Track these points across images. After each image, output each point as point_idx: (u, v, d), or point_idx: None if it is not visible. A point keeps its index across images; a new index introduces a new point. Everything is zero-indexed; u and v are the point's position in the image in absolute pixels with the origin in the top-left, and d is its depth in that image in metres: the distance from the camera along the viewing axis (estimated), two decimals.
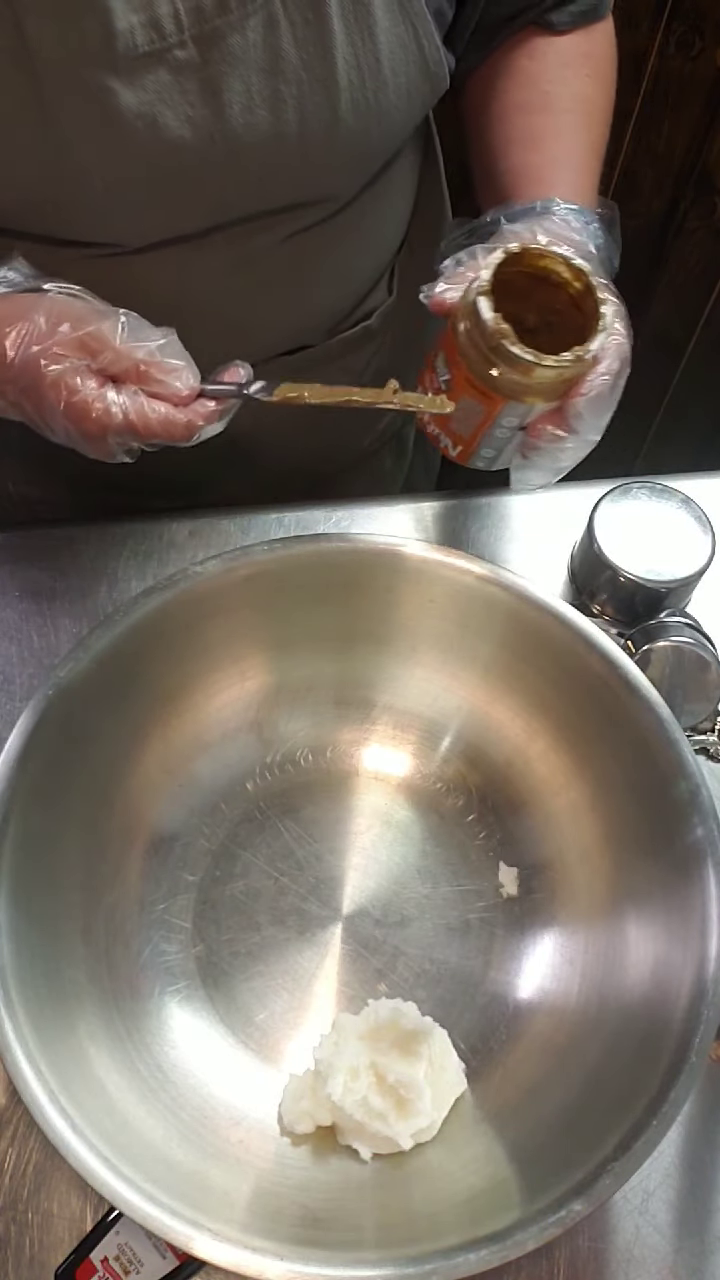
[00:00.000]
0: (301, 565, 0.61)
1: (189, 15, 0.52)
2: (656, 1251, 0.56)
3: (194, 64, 0.53)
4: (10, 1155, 0.57)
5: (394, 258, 0.78)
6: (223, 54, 0.53)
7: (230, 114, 0.55)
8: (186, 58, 0.53)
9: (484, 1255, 0.45)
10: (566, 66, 0.69)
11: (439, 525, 0.77)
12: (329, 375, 0.77)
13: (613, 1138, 0.48)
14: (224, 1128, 0.55)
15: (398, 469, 0.96)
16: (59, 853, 0.57)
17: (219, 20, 0.53)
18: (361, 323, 0.77)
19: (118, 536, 0.75)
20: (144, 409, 0.53)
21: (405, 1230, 0.50)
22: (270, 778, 0.66)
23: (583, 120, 0.69)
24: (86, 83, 0.52)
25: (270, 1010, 0.60)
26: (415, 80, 0.60)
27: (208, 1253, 0.46)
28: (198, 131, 0.55)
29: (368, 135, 0.60)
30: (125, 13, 0.51)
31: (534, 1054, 0.57)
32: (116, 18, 0.51)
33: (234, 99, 0.55)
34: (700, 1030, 0.49)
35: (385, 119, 0.60)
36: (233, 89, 0.54)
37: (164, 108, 0.54)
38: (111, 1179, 0.46)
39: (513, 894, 0.62)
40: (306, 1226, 0.51)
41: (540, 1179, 0.49)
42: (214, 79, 0.54)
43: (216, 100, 0.55)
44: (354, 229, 0.69)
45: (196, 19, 0.52)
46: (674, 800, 0.55)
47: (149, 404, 0.54)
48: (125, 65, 0.52)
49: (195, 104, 0.54)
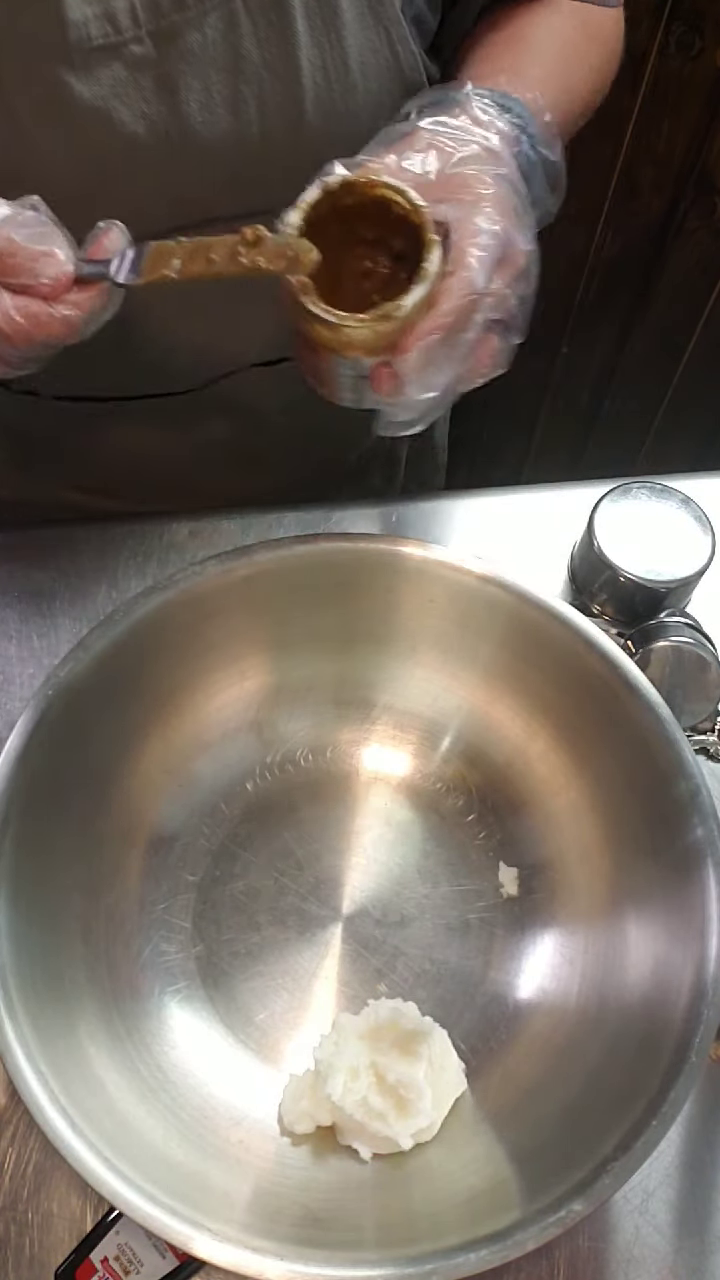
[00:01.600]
0: (301, 565, 0.61)
1: (145, 10, 0.51)
2: (657, 1251, 0.56)
3: (150, 60, 0.52)
4: (10, 1155, 0.57)
5: None
6: (180, 51, 0.53)
7: (188, 111, 0.54)
8: (142, 53, 0.52)
9: (484, 1255, 0.45)
10: (555, 14, 0.65)
11: (439, 525, 0.76)
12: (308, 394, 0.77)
13: (613, 1138, 0.48)
14: (224, 1128, 0.55)
15: (388, 489, 0.93)
16: (59, 853, 0.57)
17: (176, 16, 0.52)
18: None
19: (118, 536, 0.75)
20: (9, 313, 0.47)
21: (405, 1230, 0.50)
22: (270, 778, 0.66)
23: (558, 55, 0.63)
24: (41, 73, 0.52)
25: (270, 1010, 0.60)
26: (388, 85, 0.59)
27: (207, 1253, 0.46)
28: (153, 128, 0.54)
29: (336, 139, 0.57)
30: (79, 4, 0.50)
31: (534, 1054, 0.57)
32: (70, 8, 0.50)
33: (191, 97, 0.54)
34: (700, 1030, 0.49)
35: (354, 122, 0.58)
36: (190, 87, 0.54)
37: (118, 103, 0.53)
38: (111, 1179, 0.46)
39: (513, 894, 0.62)
40: (306, 1226, 0.51)
41: (540, 1179, 0.49)
42: (170, 76, 0.53)
43: (173, 97, 0.54)
44: None
45: (153, 14, 0.52)
46: (674, 800, 0.55)
47: (15, 304, 0.47)
48: (79, 58, 0.51)
49: (151, 100, 0.54)
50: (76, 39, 0.51)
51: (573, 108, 0.63)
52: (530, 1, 0.65)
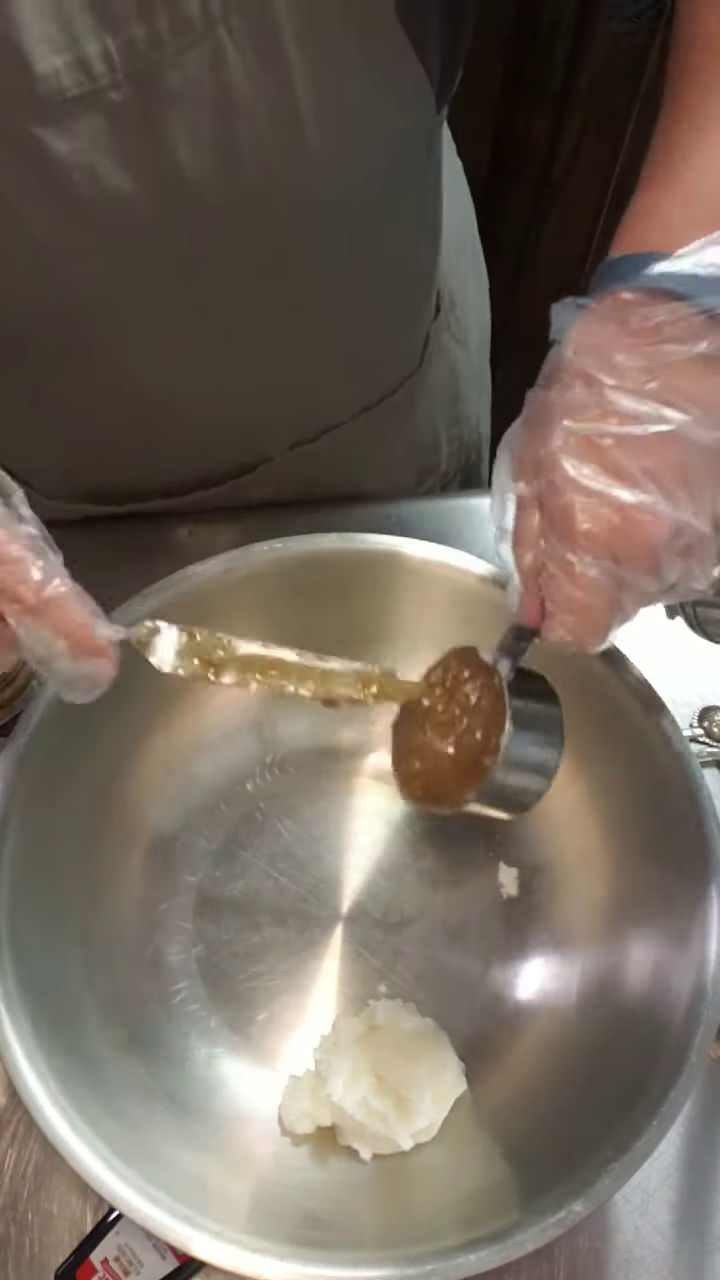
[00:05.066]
0: (301, 565, 0.61)
1: (121, 53, 0.45)
2: (657, 1252, 0.56)
3: (131, 106, 0.47)
4: (10, 1156, 0.57)
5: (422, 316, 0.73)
6: (163, 93, 0.47)
7: (178, 158, 0.49)
8: (122, 100, 0.47)
9: (484, 1256, 0.45)
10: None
11: (439, 525, 0.76)
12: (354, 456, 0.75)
13: (612, 1138, 0.48)
14: (224, 1128, 0.55)
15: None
16: (59, 853, 0.57)
17: (155, 55, 0.46)
18: (386, 397, 0.73)
19: (118, 536, 0.75)
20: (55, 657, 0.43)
21: (405, 1231, 0.50)
22: (270, 778, 0.66)
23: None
24: (14, 132, 0.47)
25: (270, 1011, 0.60)
26: (390, 99, 0.53)
27: (207, 1253, 0.46)
28: (141, 179, 0.50)
29: (341, 173, 0.53)
30: (46, 55, 0.44)
31: (534, 1054, 0.57)
32: (36, 61, 0.44)
33: (179, 141, 0.49)
34: (700, 1030, 0.49)
35: (358, 143, 0.53)
36: (177, 131, 0.49)
37: (101, 155, 0.48)
38: (111, 1180, 0.47)
39: (513, 894, 0.62)
40: (306, 1227, 0.50)
41: (540, 1179, 0.49)
42: (156, 121, 0.48)
43: (160, 143, 0.49)
44: (352, 293, 0.63)
45: (130, 56, 0.46)
46: (674, 800, 0.55)
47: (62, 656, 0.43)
48: (53, 112, 0.46)
49: (136, 149, 0.49)
50: (48, 93, 0.45)
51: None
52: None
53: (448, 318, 0.77)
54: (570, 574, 0.42)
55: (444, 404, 0.80)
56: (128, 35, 0.45)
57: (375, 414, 0.74)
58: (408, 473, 0.80)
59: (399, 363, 0.74)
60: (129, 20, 0.44)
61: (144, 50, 0.46)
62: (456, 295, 0.78)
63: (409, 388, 0.75)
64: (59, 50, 0.45)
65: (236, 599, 0.61)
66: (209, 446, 0.72)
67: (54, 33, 0.44)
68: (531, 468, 0.43)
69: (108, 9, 0.44)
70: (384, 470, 0.78)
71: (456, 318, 0.78)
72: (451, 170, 0.73)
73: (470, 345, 0.81)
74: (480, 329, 0.84)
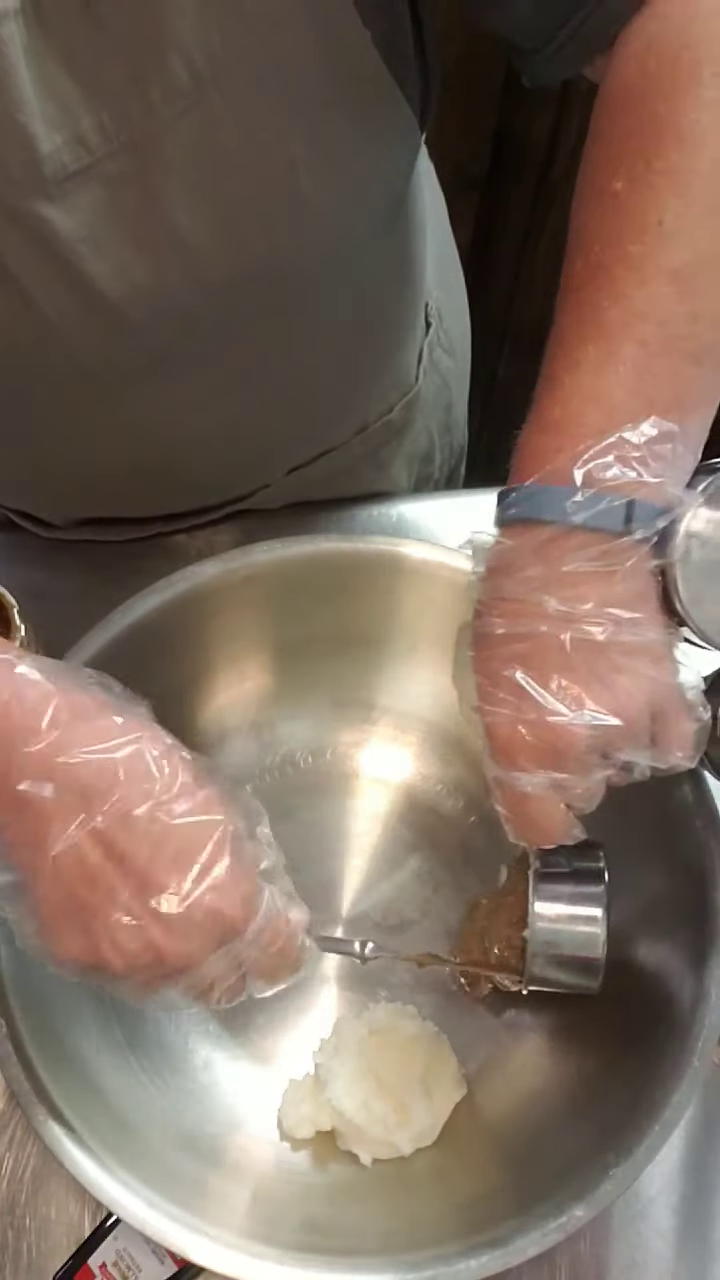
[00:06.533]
0: (301, 566, 0.61)
1: (114, 122, 0.46)
2: (658, 1257, 0.55)
3: (128, 175, 0.48)
4: (8, 1160, 0.57)
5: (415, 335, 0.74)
6: (158, 160, 0.48)
7: (177, 223, 0.50)
8: (118, 169, 0.47)
9: (485, 1261, 0.45)
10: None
11: (439, 525, 0.76)
12: (351, 474, 0.76)
13: (614, 1143, 0.47)
14: (223, 1132, 0.55)
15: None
16: None
17: (148, 124, 0.47)
18: (383, 417, 0.74)
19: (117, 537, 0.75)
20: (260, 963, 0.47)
21: (406, 1236, 0.50)
22: (270, 779, 0.65)
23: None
24: (23, 214, 0.47)
25: (270, 1014, 0.59)
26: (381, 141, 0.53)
27: (206, 1258, 0.46)
28: (143, 247, 0.50)
29: (336, 213, 0.54)
30: (48, 134, 0.45)
31: (534, 1058, 0.57)
32: (40, 141, 0.45)
33: (177, 206, 0.49)
34: (702, 1035, 0.49)
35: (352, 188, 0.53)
36: (174, 193, 0.49)
37: (104, 227, 0.49)
38: (109, 1184, 0.46)
39: None
40: (306, 1232, 0.50)
41: (541, 1184, 0.48)
42: (153, 188, 0.49)
43: (159, 209, 0.49)
44: (352, 326, 0.64)
45: (123, 125, 0.46)
46: (675, 800, 0.55)
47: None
48: (57, 190, 0.47)
49: (137, 218, 0.49)
50: (52, 171, 0.46)
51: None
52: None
53: (437, 331, 0.78)
54: (502, 788, 0.46)
55: (438, 414, 0.81)
56: (121, 107, 0.46)
57: (372, 433, 0.75)
58: (403, 482, 0.82)
59: (398, 385, 0.75)
60: (121, 93, 0.45)
61: (137, 119, 0.46)
62: (443, 306, 0.78)
63: (406, 405, 0.76)
64: (58, 128, 0.45)
65: (236, 599, 0.61)
66: (208, 481, 0.73)
67: (53, 111, 0.45)
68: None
69: (100, 83, 0.45)
70: (380, 483, 0.79)
71: (445, 329, 0.79)
72: (424, 171, 0.73)
73: (456, 352, 0.82)
74: (461, 331, 0.84)
